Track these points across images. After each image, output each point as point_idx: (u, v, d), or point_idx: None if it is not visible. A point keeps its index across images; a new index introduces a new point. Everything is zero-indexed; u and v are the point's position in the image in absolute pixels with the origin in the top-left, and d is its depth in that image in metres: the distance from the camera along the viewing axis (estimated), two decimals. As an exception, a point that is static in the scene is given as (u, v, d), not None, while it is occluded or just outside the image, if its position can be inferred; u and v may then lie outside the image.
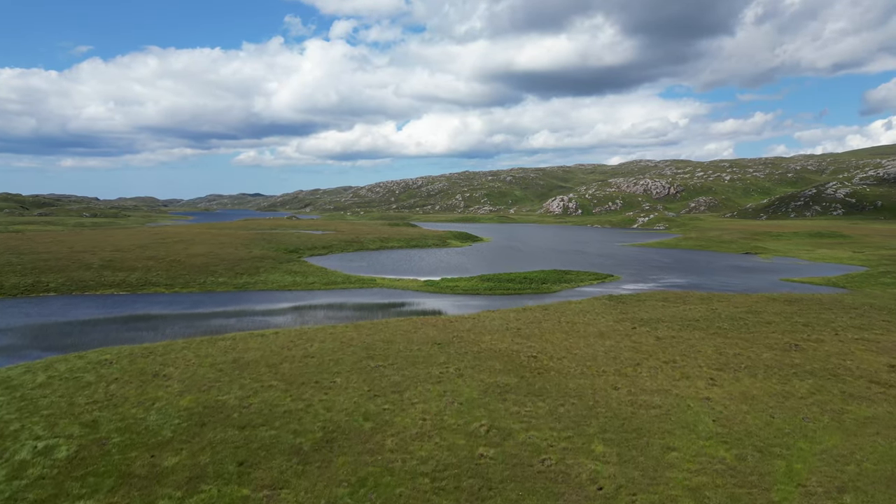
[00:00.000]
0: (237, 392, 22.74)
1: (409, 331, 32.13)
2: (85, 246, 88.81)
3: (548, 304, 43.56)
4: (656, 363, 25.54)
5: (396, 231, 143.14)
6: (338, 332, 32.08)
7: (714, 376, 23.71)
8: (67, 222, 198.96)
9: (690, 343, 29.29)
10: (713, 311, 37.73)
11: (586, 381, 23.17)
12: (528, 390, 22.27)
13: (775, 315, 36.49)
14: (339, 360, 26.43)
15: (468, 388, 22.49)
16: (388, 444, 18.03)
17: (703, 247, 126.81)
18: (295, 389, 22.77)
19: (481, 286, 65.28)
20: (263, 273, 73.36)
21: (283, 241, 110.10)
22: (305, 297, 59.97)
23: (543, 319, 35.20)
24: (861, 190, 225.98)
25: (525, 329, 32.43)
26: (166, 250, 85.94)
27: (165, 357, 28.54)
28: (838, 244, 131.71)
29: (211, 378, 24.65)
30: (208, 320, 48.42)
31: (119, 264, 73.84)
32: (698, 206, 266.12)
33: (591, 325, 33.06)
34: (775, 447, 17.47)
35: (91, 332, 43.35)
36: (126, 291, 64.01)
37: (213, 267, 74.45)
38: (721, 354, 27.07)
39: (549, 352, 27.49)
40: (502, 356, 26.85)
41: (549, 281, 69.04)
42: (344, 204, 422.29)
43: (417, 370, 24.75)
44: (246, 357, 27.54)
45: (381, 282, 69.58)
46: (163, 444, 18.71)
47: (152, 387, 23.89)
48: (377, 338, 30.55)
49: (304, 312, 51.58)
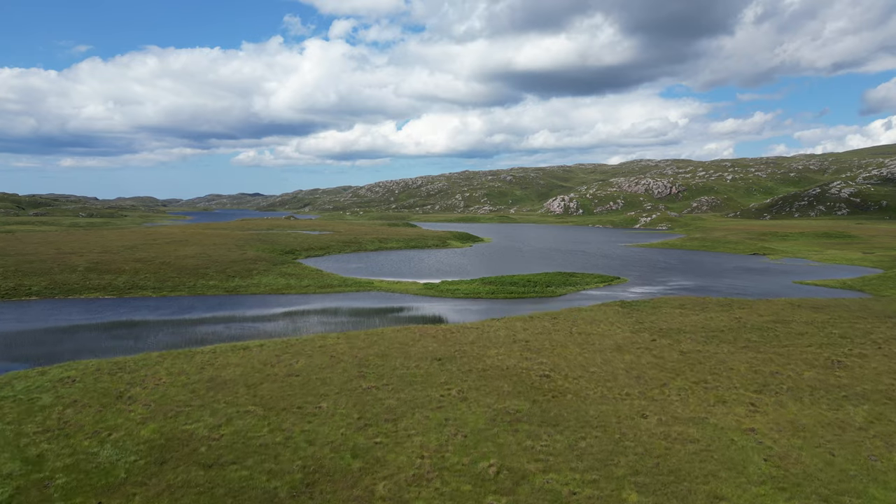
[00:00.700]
0: (208, 419, 19.77)
1: (406, 343, 29.16)
2: (73, 247, 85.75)
3: (556, 311, 40.54)
4: (685, 383, 22.59)
5: (395, 231, 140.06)
6: (328, 345, 29.08)
7: (754, 400, 20.76)
8: (63, 222, 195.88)
9: (719, 358, 26.32)
10: (737, 321, 34.74)
11: (608, 406, 20.21)
12: (543, 418, 19.30)
13: (806, 325, 33.51)
14: (327, 379, 23.46)
15: (473, 416, 19.53)
16: (378, 489, 15.07)
17: (709, 247, 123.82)
18: (274, 416, 19.81)
19: (483, 289, 62.29)
20: (256, 276, 70.31)
21: (279, 241, 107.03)
22: (299, 302, 57.01)
23: (553, 329, 32.20)
24: (865, 189, 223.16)
25: (534, 341, 29.44)
26: (156, 252, 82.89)
27: (135, 374, 25.59)
28: (847, 245, 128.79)
29: (181, 401, 21.70)
30: (194, 327, 45.47)
31: (106, 267, 70.82)
32: (700, 205, 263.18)
33: (606, 337, 30.06)
34: (844, 496, 14.54)
35: (67, 340, 40.38)
36: (112, 295, 61.02)
37: (204, 269, 71.41)
38: (756, 372, 24.11)
39: (562, 369, 24.52)
40: (511, 375, 23.88)
41: (554, 284, 66.08)
42: (343, 204, 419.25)
43: (415, 392, 21.79)
44: (223, 375, 24.57)
45: (378, 285, 66.58)
46: (113, 488, 15.75)
47: (113, 412, 20.94)
48: (371, 352, 27.57)
49: (296, 318, 48.60)
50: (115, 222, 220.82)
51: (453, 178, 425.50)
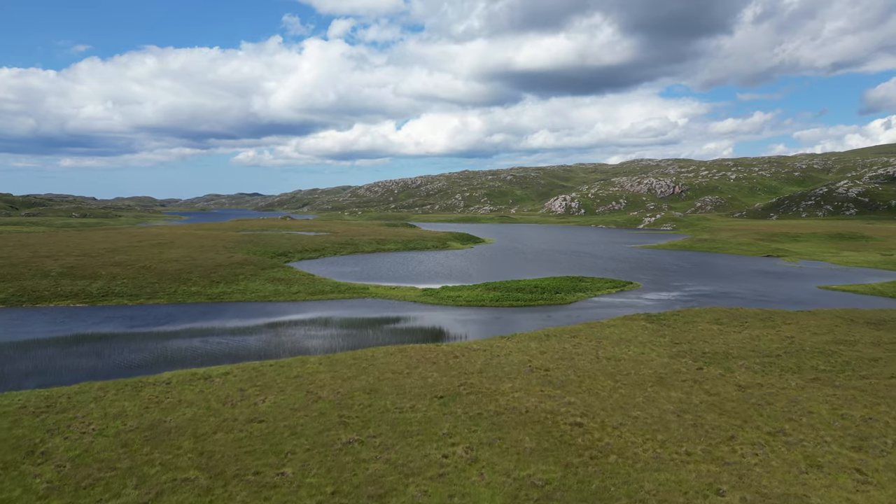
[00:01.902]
0: (130, 494, 14.67)
1: (400, 371, 24.06)
2: (51, 250, 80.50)
3: (575, 326, 35.33)
4: (758, 435, 17.54)
5: (394, 232, 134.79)
6: (305, 374, 23.94)
7: (858, 464, 15.70)
8: (55, 223, 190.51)
9: (789, 396, 21.24)
10: (790, 341, 29.62)
11: (668, 474, 15.11)
12: (581, 496, 14.19)
13: (873, 346, 28.41)
14: (298, 427, 18.34)
15: (488, 491, 14.42)
16: None
17: (720, 249, 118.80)
18: (220, 489, 14.72)
19: (486, 296, 57.20)
20: (243, 281, 65.11)
21: (272, 243, 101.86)
22: (286, 311, 51.96)
23: (575, 353, 27.06)
24: (874, 189, 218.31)
25: (555, 370, 24.29)
26: (139, 255, 77.63)
27: (62, 416, 20.50)
28: (861, 246, 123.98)
29: (105, 461, 16.61)
30: (164, 342, 40.42)
31: (81, 271, 65.64)
32: (704, 205, 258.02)
33: (641, 364, 24.94)
34: None
35: (18, 359, 35.29)
36: (84, 303, 55.88)
37: (187, 274, 66.19)
38: (844, 418, 19.04)
39: (597, 413, 19.43)
40: (533, 422, 18.75)
41: (563, 290, 60.98)
42: (342, 204, 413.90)
43: (409, 450, 16.67)
44: (169, 420, 19.47)
45: (374, 291, 61.47)
46: None
47: (12, 478, 15.84)
48: (357, 384, 22.43)
49: (279, 331, 43.52)
50: (108, 223, 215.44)
51: (453, 177, 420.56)
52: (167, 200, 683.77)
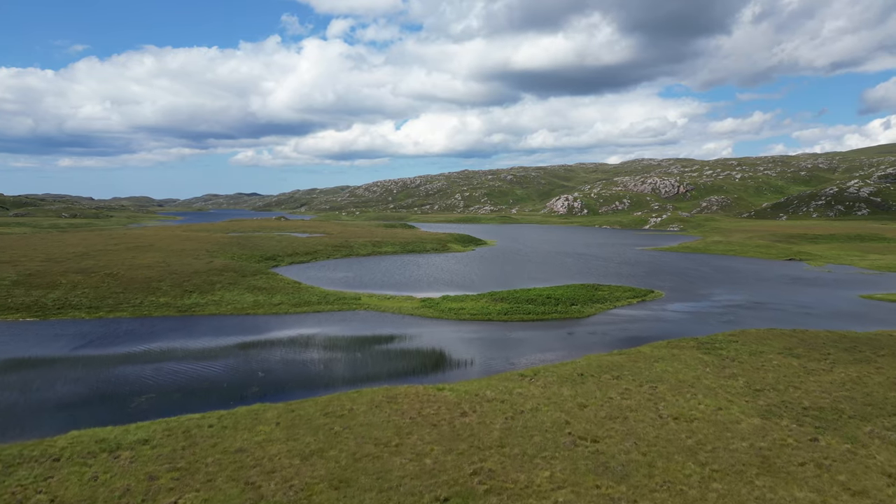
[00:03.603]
0: None
1: (386, 442, 17.25)
2: (13, 254, 73.51)
3: (612, 358, 28.19)
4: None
5: (391, 233, 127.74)
6: (249, 449, 17.00)
7: None
8: (42, 224, 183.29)
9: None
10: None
11: None
12: None
13: None
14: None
15: None
16: None
17: (736, 252, 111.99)
18: None
19: (493, 309, 50.49)
20: (219, 290, 58.23)
21: (261, 245, 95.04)
22: (263, 327, 45.21)
23: (627, 407, 20.02)
24: (885, 189, 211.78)
25: (607, 440, 17.23)
26: (109, 259, 70.73)
27: None
28: (886, 248, 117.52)
29: None
30: (111, 370, 33.76)
31: (40, 279, 58.72)
32: (710, 205, 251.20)
33: (725, 429, 17.83)
34: None
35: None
36: (35, 317, 49.16)
37: (158, 283, 59.25)
38: None
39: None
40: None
41: (579, 301, 54.27)
42: (340, 203, 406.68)
43: None
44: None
45: (366, 301, 54.70)
46: None
47: None
48: (320, 469, 15.47)
49: (250, 355, 36.77)
50: (97, 223, 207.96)
51: (452, 177, 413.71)
52: (165, 200, 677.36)
